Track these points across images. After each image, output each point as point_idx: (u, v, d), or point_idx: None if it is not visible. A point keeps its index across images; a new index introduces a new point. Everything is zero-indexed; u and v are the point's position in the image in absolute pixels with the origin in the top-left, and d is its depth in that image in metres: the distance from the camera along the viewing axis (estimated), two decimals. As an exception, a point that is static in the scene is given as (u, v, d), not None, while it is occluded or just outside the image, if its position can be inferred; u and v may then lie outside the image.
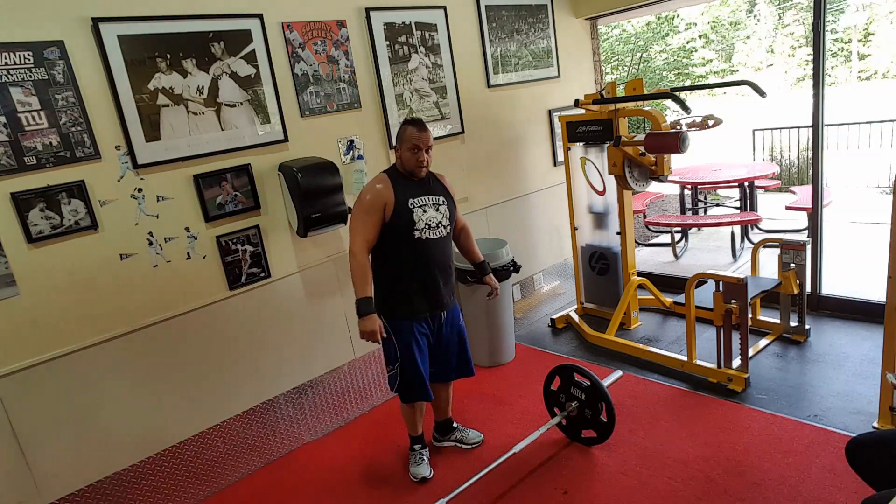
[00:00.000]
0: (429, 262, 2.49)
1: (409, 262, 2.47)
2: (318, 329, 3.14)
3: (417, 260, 2.47)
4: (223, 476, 2.88)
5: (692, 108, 3.03)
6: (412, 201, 2.43)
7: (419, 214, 2.43)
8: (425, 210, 2.46)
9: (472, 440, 2.91)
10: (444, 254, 2.54)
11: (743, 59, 25.19)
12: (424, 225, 2.45)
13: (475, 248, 2.82)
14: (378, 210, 2.39)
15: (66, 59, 2.27)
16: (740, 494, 2.34)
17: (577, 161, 3.97)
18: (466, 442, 2.91)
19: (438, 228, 2.49)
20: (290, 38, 2.89)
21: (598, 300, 4.22)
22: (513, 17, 3.93)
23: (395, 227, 2.42)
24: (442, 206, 2.52)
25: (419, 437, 2.81)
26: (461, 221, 2.76)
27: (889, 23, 22.84)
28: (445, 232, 2.53)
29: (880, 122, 8.19)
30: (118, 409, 2.53)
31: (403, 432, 2.91)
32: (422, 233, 2.44)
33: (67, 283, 2.37)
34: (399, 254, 2.47)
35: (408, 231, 2.42)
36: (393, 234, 2.43)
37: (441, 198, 2.53)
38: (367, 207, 2.39)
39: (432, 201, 2.49)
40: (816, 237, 3.69)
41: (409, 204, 2.42)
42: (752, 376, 3.11)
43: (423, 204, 2.46)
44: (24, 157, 2.22)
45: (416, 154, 2.41)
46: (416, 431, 2.79)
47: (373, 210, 2.39)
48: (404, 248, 2.45)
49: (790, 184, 7.78)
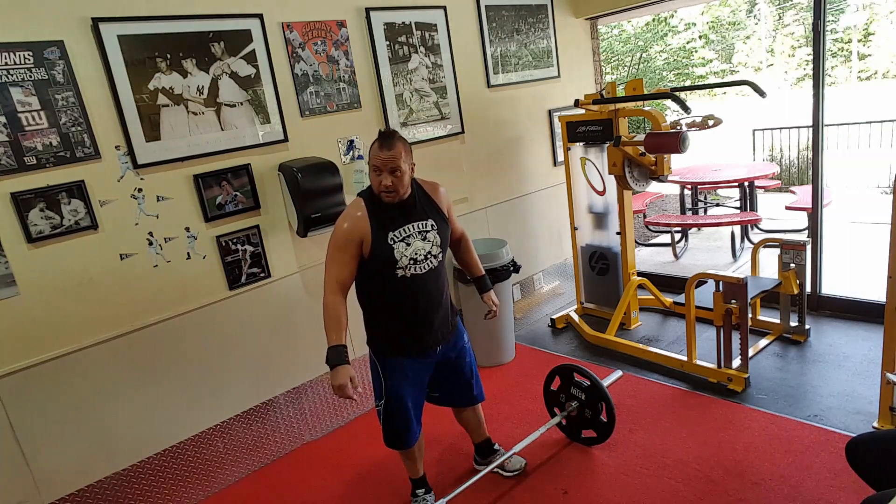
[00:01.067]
0: (416, 302, 2.16)
1: (393, 302, 2.15)
2: (319, 329, 3.10)
3: (402, 300, 2.15)
4: (223, 476, 2.88)
5: (692, 108, 3.03)
6: (392, 235, 2.07)
7: (401, 250, 2.08)
8: (409, 243, 2.10)
9: (514, 467, 2.63)
10: (434, 289, 2.19)
11: (743, 59, 25.19)
12: (409, 261, 2.10)
13: (475, 261, 2.51)
14: (353, 245, 2.06)
15: (66, 59, 2.27)
16: (740, 494, 2.34)
17: (577, 161, 3.97)
18: (507, 469, 2.62)
19: (427, 261, 2.14)
20: (290, 38, 2.89)
21: (598, 300, 4.22)
22: (513, 17, 3.93)
23: (375, 266, 2.10)
24: (430, 231, 2.15)
25: (421, 480, 2.52)
26: (459, 231, 2.41)
27: (889, 23, 22.83)
28: (435, 263, 2.17)
29: (880, 122, 8.20)
30: (118, 409, 2.53)
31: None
32: (405, 270, 2.10)
33: (67, 283, 2.37)
34: (381, 293, 2.16)
35: (389, 270, 2.09)
36: (373, 272, 2.12)
37: (429, 222, 2.16)
38: (341, 243, 2.06)
39: (418, 229, 2.13)
40: (816, 237, 3.69)
41: (388, 239, 2.07)
42: (752, 376, 3.11)
43: (407, 235, 2.10)
44: (24, 157, 2.22)
45: (379, 177, 2.02)
46: (415, 474, 2.51)
47: (347, 245, 2.06)
48: (386, 288, 2.13)
49: (790, 184, 7.78)
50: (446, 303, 2.28)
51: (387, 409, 2.27)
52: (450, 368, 2.38)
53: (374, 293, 2.18)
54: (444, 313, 2.26)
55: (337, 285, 2.07)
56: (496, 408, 3.21)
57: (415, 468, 2.49)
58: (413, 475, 2.51)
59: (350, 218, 2.08)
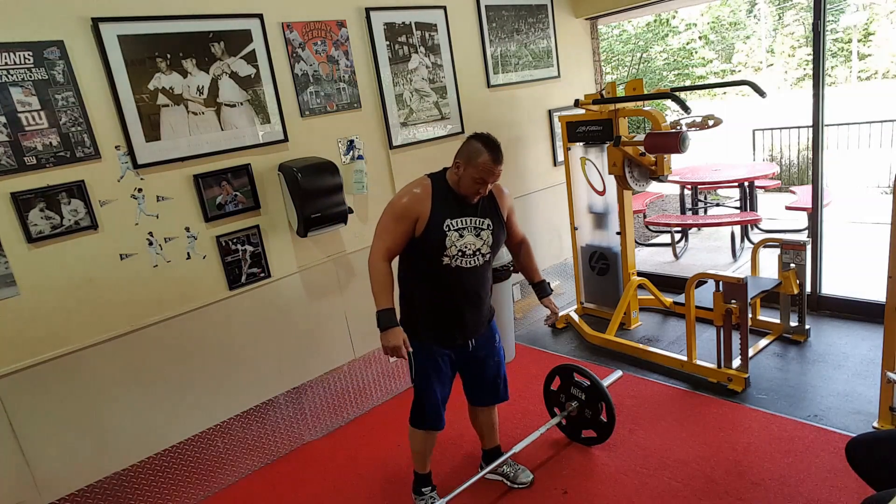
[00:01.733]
0: (454, 293, 2.19)
1: (433, 287, 2.19)
2: (319, 329, 3.14)
3: (442, 288, 2.18)
4: (223, 476, 2.88)
5: (692, 108, 3.03)
6: (449, 222, 2.10)
7: (453, 239, 2.10)
8: (462, 235, 2.12)
9: (521, 480, 2.58)
10: (476, 284, 2.22)
11: (743, 59, 25.19)
12: (457, 251, 2.12)
13: (534, 266, 2.49)
14: (408, 220, 2.09)
15: (66, 59, 2.27)
16: (740, 494, 2.34)
17: (577, 161, 3.97)
18: (515, 480, 2.58)
19: (475, 256, 2.16)
20: (290, 38, 2.89)
21: (598, 300, 4.22)
22: (513, 17, 3.93)
23: (423, 247, 2.12)
24: (485, 230, 2.17)
25: (426, 477, 2.50)
26: (520, 235, 2.44)
27: (889, 23, 22.83)
28: (482, 261, 2.19)
29: (880, 122, 8.20)
30: (118, 408, 2.52)
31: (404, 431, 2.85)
32: (452, 259, 2.12)
33: (67, 283, 2.37)
34: (422, 275, 2.19)
35: (436, 255, 2.11)
36: (419, 253, 2.15)
37: (487, 220, 2.18)
38: (398, 214, 2.10)
39: (474, 224, 2.15)
40: (816, 237, 3.69)
41: (444, 225, 2.09)
42: (752, 376, 3.11)
43: (462, 227, 2.12)
44: (24, 157, 2.22)
45: (478, 185, 2.08)
46: (423, 468, 2.49)
47: (403, 219, 2.10)
48: (429, 272, 2.16)
49: (790, 184, 7.78)
50: (484, 303, 2.31)
51: (416, 388, 2.32)
52: (477, 366, 2.40)
53: (416, 272, 2.21)
54: (479, 312, 2.29)
55: (387, 252, 2.12)
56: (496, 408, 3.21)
57: (423, 462, 2.48)
58: (420, 469, 2.50)
59: (412, 194, 2.12)
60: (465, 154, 2.09)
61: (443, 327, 2.24)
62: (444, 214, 2.10)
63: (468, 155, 2.07)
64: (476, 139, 2.09)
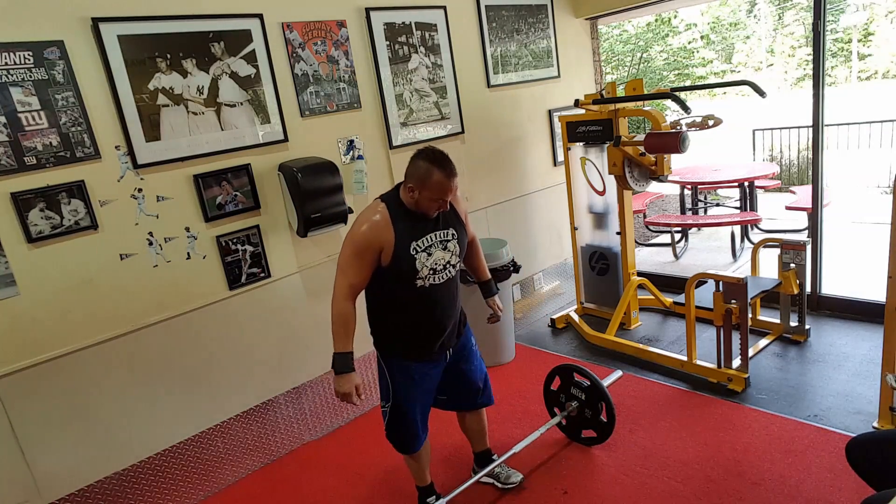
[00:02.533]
0: (432, 311, 2.13)
1: (408, 310, 2.11)
2: (319, 329, 3.14)
3: (418, 309, 2.11)
4: (223, 476, 2.88)
5: (692, 108, 3.03)
6: (415, 244, 2.02)
7: (422, 260, 2.03)
8: (430, 253, 2.05)
9: (511, 480, 2.56)
10: (450, 295, 2.18)
11: (743, 59, 25.19)
12: (429, 271, 2.06)
13: (482, 265, 2.47)
14: (372, 252, 1.99)
15: (66, 59, 2.27)
16: (740, 494, 2.34)
17: (577, 161, 3.97)
18: (505, 481, 2.56)
19: (445, 270, 2.11)
20: (290, 38, 2.89)
21: (598, 300, 4.22)
22: (513, 17, 3.93)
23: (393, 274, 2.04)
24: (451, 241, 2.12)
25: (428, 488, 2.45)
26: (471, 234, 2.35)
27: (889, 23, 22.83)
28: (453, 273, 2.16)
29: (880, 122, 8.20)
30: (118, 409, 2.52)
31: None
32: (425, 280, 2.06)
33: (67, 283, 2.37)
34: (396, 301, 2.11)
35: (408, 280, 2.04)
36: (390, 280, 2.06)
37: (451, 230, 2.12)
38: (360, 247, 1.98)
39: (440, 238, 2.09)
40: (816, 237, 3.69)
41: (410, 248, 2.01)
42: (752, 376, 3.11)
43: (429, 245, 2.06)
44: (24, 157, 2.22)
45: (435, 202, 2.00)
46: (423, 481, 2.43)
47: (366, 251, 1.99)
48: (402, 296, 2.09)
49: (790, 184, 7.78)
50: (458, 310, 2.26)
51: (392, 413, 2.23)
52: (458, 372, 2.35)
53: (388, 298, 2.12)
54: (455, 319, 2.24)
55: (350, 290, 2.01)
56: (496, 408, 3.21)
57: (422, 475, 2.42)
58: (420, 483, 2.44)
59: (372, 224, 1.99)
60: (415, 177, 1.98)
61: (424, 344, 2.17)
62: (408, 238, 2.01)
63: (419, 177, 1.97)
64: (422, 158, 1.98)
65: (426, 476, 2.43)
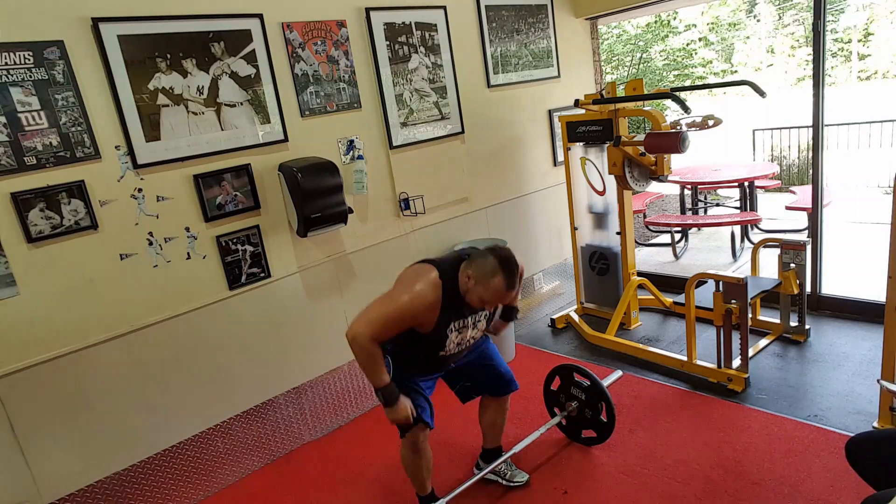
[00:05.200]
0: (443, 363, 2.25)
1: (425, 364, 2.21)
2: (319, 329, 3.14)
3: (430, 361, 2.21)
4: (223, 476, 2.88)
5: (692, 108, 3.03)
6: (453, 325, 2.09)
7: (453, 338, 2.11)
8: (461, 331, 2.13)
9: (517, 479, 2.56)
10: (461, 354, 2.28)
11: (743, 60, 25.18)
12: (455, 346, 2.15)
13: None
14: (410, 322, 2.01)
15: (66, 59, 2.27)
16: (740, 494, 2.34)
17: (577, 161, 3.97)
18: (510, 479, 2.56)
19: (468, 342, 2.22)
20: (290, 38, 2.89)
21: (598, 300, 4.22)
22: (513, 17, 3.93)
23: (420, 340, 2.08)
24: (482, 321, 2.19)
25: (428, 497, 2.41)
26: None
27: (889, 23, 22.84)
28: (474, 343, 2.27)
29: (880, 122, 8.20)
30: (118, 409, 2.52)
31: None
32: (447, 350, 2.15)
33: (67, 283, 2.37)
34: (412, 350, 2.15)
35: (433, 349, 2.12)
36: (415, 340, 2.09)
37: (485, 312, 2.17)
38: (404, 315, 1.97)
39: (473, 321, 2.15)
40: (816, 237, 3.69)
41: (447, 329, 2.08)
42: (752, 376, 3.11)
43: (463, 326, 2.13)
44: (24, 157, 2.22)
45: (487, 306, 2.06)
46: (423, 490, 2.39)
47: (404, 321, 1.99)
48: (420, 352, 2.15)
49: (790, 184, 7.78)
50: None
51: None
52: (482, 366, 2.42)
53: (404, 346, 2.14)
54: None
55: (375, 338, 1.97)
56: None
57: (422, 484, 2.38)
58: (420, 492, 2.41)
59: (423, 301, 1.97)
60: (479, 269, 1.96)
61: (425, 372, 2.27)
62: (449, 318, 2.05)
63: (482, 273, 1.95)
64: (495, 256, 1.95)
65: (427, 485, 2.40)
